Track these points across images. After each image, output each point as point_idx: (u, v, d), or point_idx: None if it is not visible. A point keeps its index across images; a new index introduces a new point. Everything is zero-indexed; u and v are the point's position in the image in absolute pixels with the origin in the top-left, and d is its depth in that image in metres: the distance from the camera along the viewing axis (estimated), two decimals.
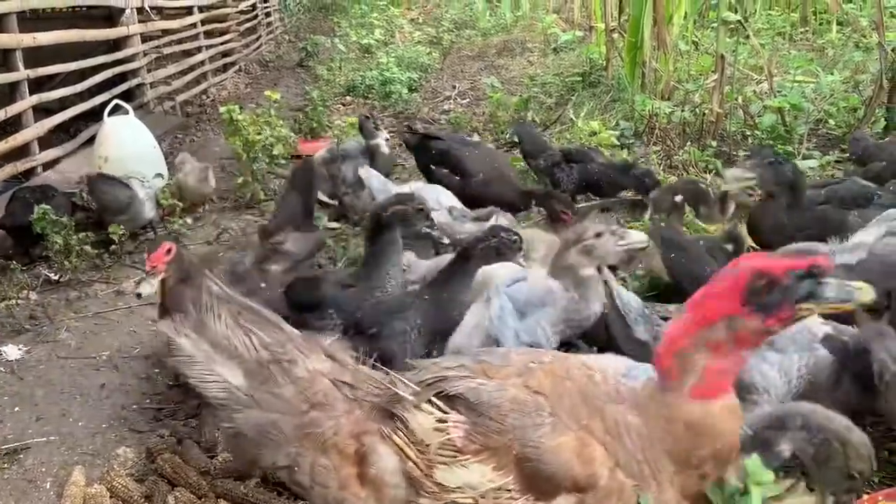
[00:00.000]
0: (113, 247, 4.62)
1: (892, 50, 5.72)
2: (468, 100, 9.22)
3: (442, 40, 13.05)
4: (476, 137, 6.54)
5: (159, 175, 5.13)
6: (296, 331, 1.83)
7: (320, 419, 1.70)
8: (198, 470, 2.62)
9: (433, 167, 5.01)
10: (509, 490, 1.60)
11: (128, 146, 5.45)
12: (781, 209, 3.75)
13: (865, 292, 1.55)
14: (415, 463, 1.64)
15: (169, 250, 2.83)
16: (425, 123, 8.22)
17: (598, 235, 2.77)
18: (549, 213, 4.45)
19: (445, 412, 1.67)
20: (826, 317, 2.62)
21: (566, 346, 2.89)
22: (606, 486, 1.61)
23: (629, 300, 2.80)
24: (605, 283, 2.82)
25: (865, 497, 2.41)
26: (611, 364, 2.46)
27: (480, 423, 1.63)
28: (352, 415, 1.73)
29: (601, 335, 2.89)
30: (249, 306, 1.78)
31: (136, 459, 2.79)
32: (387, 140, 5.50)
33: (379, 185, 4.56)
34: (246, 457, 1.76)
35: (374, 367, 1.88)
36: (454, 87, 9.81)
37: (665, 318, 2.94)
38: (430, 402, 1.68)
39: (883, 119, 5.99)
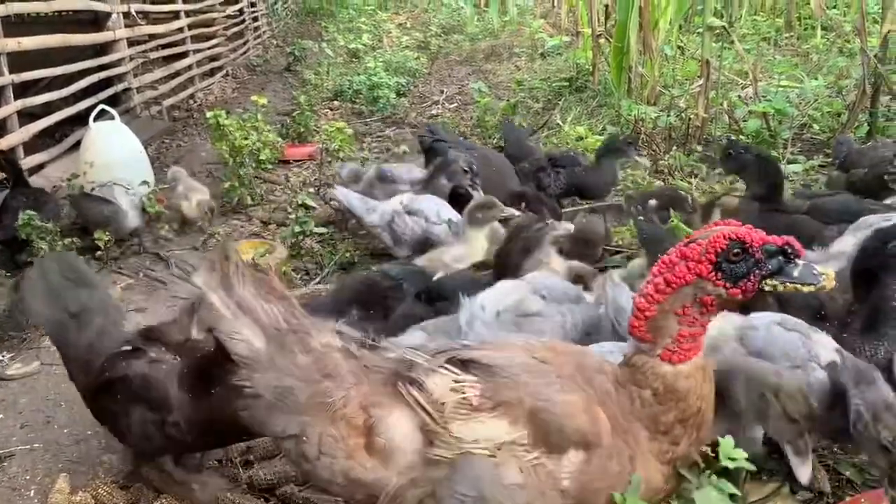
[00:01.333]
0: (98, 253, 4.59)
1: (875, 55, 5.78)
2: (456, 104, 9.24)
3: (430, 45, 13.08)
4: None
5: (145, 182, 5.10)
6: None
7: (331, 389, 1.75)
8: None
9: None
10: (523, 444, 1.67)
11: (114, 151, 5.41)
12: (755, 211, 3.78)
13: (829, 280, 1.61)
14: (432, 418, 1.69)
15: None
16: (413, 128, 8.24)
17: None
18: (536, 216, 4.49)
19: (460, 374, 1.74)
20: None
21: None
22: (609, 445, 1.70)
23: (622, 305, 2.74)
24: (606, 283, 2.82)
25: (848, 499, 2.44)
26: (614, 352, 2.55)
27: (496, 382, 1.71)
28: (361, 387, 1.78)
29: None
30: (271, 283, 1.84)
31: (122, 466, 2.78)
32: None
33: (359, 205, 4.54)
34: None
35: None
36: (442, 92, 9.83)
37: None
38: (443, 367, 1.75)
39: (866, 124, 6.05)
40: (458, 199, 4.51)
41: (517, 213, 4.01)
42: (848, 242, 3.33)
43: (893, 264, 2.61)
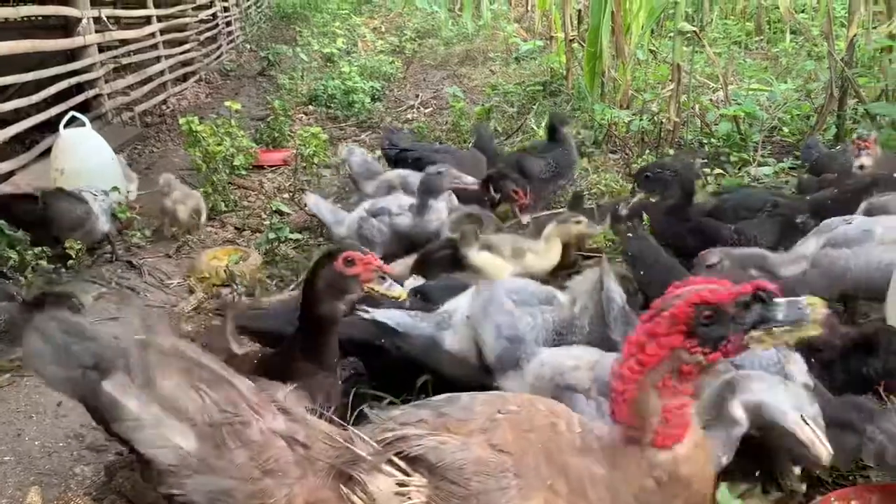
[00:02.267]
0: (70, 262, 4.54)
1: (841, 59, 5.88)
2: (431, 109, 9.24)
3: (404, 49, 13.08)
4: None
5: (115, 189, 5.05)
6: (249, 384, 1.73)
7: (272, 489, 1.60)
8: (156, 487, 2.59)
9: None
10: None
11: (85, 159, 5.36)
12: (662, 214, 3.86)
13: (818, 308, 1.45)
14: None
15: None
16: (388, 132, 8.23)
17: None
18: (502, 194, 4.65)
19: (407, 475, 1.57)
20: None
21: None
22: None
23: (614, 297, 2.76)
24: (600, 275, 2.81)
25: (819, 498, 2.48)
26: (583, 357, 2.54)
27: (443, 488, 1.54)
28: (305, 480, 1.63)
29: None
30: (201, 362, 1.67)
31: (94, 478, 2.76)
32: None
33: (329, 217, 4.55)
34: None
35: (331, 420, 1.79)
36: (417, 97, 9.83)
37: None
38: (390, 462, 1.59)
39: (834, 126, 6.15)
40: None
41: (471, 181, 4.31)
42: (811, 245, 3.38)
43: None
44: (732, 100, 6.63)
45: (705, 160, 5.79)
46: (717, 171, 5.71)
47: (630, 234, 3.67)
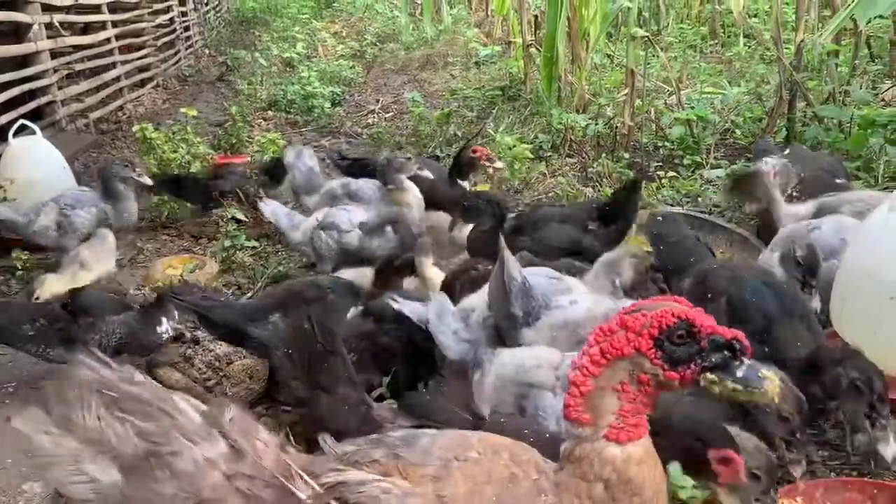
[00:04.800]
0: (19, 273, 4.46)
1: (790, 63, 6.02)
2: (392, 114, 9.25)
3: (365, 54, 13.06)
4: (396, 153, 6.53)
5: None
6: (190, 411, 1.64)
7: None
8: None
9: None
10: None
11: (35, 168, 5.27)
12: (479, 242, 3.97)
13: (773, 385, 1.47)
14: None
15: None
16: (348, 138, 8.23)
17: None
18: (465, 163, 4.93)
19: None
20: None
21: None
22: None
23: (514, 274, 2.87)
24: (499, 253, 2.90)
25: (786, 486, 2.53)
26: (544, 356, 2.59)
27: None
28: None
29: None
30: (128, 391, 1.59)
31: (44, 494, 2.71)
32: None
33: (285, 222, 4.52)
34: None
35: (281, 447, 1.70)
36: (378, 101, 9.83)
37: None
38: None
39: (784, 129, 6.28)
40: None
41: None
42: (773, 258, 3.44)
43: None
44: (686, 103, 6.74)
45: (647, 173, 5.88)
46: (671, 174, 5.81)
47: (658, 216, 3.75)
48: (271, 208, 4.56)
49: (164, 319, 3.41)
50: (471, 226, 4.06)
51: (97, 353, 1.64)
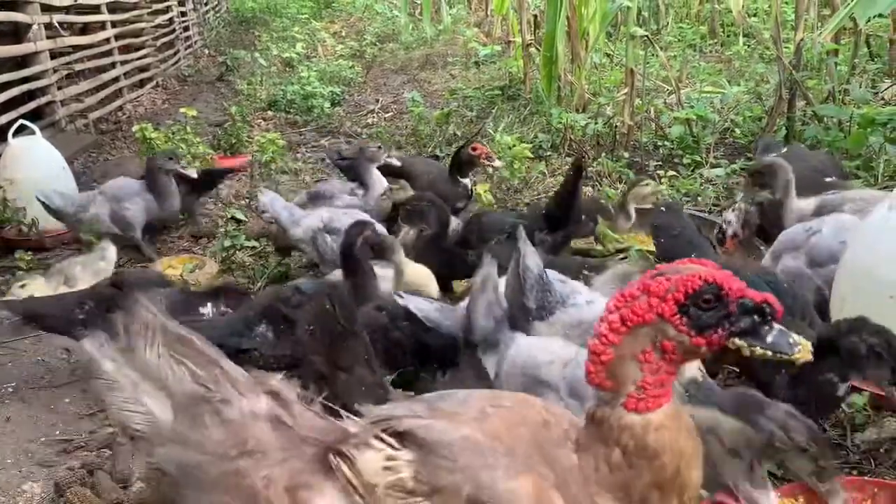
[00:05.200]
0: (20, 273, 4.46)
1: (789, 62, 6.02)
2: (391, 113, 9.25)
3: (365, 54, 13.06)
4: (395, 152, 6.53)
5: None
6: (237, 367, 1.68)
7: (249, 469, 1.54)
8: (110, 502, 2.56)
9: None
10: None
11: (35, 168, 5.26)
12: (423, 246, 3.98)
13: (805, 350, 1.42)
14: (364, 501, 1.49)
15: None
16: (348, 138, 8.22)
17: None
18: (465, 161, 4.91)
19: (396, 449, 1.51)
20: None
21: None
22: None
23: (530, 266, 2.84)
24: (517, 244, 2.88)
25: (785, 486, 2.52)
26: (559, 352, 2.54)
27: (431, 463, 1.47)
28: (287, 464, 1.56)
29: None
30: (185, 337, 1.64)
31: (44, 495, 2.71)
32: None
33: (286, 216, 4.43)
34: (165, 496, 1.64)
35: (323, 407, 1.73)
36: (377, 101, 9.83)
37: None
38: (378, 438, 1.53)
39: (784, 128, 6.29)
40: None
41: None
42: (791, 264, 3.43)
43: None
44: (685, 103, 6.74)
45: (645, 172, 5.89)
46: (671, 173, 5.81)
47: (661, 207, 3.74)
48: (269, 199, 4.45)
49: (209, 304, 3.40)
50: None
51: (150, 305, 1.67)
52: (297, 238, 4.38)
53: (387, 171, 5.06)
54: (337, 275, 3.87)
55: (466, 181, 4.98)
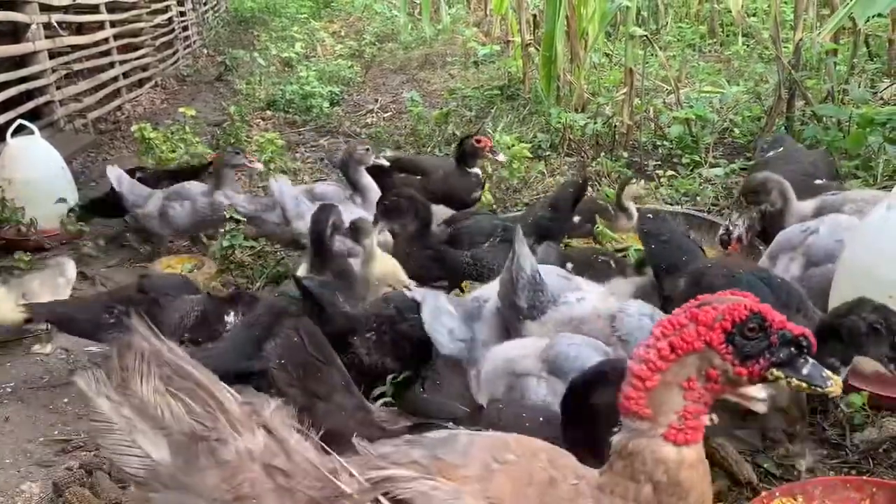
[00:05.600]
0: (17, 273, 4.45)
1: (788, 62, 6.02)
2: (390, 113, 9.25)
3: (364, 53, 13.05)
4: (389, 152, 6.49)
5: (62, 199, 4.97)
6: (235, 396, 1.62)
7: None
8: (109, 502, 2.56)
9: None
10: None
11: (33, 168, 5.27)
12: (405, 244, 3.96)
13: (836, 386, 1.46)
14: None
15: None
16: (347, 137, 8.22)
17: None
18: (469, 152, 4.87)
19: None
20: None
21: None
22: None
23: (524, 266, 2.87)
24: (513, 244, 2.90)
25: (763, 493, 2.54)
26: (529, 345, 2.62)
27: None
28: None
29: None
30: (183, 368, 1.58)
31: (42, 495, 2.71)
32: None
33: (291, 206, 4.44)
34: None
35: (318, 445, 1.66)
36: (376, 101, 9.83)
37: None
38: (376, 501, 1.46)
39: (783, 128, 6.29)
40: None
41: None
42: (792, 268, 3.42)
43: None
44: (685, 102, 6.74)
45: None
46: (670, 173, 5.81)
47: (648, 214, 3.66)
48: (279, 186, 4.48)
49: (231, 312, 3.40)
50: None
51: (150, 325, 1.61)
52: (298, 231, 4.35)
53: (399, 167, 5.06)
54: None
55: (476, 170, 4.98)
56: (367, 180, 4.74)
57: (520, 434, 1.68)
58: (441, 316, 2.87)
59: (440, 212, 4.60)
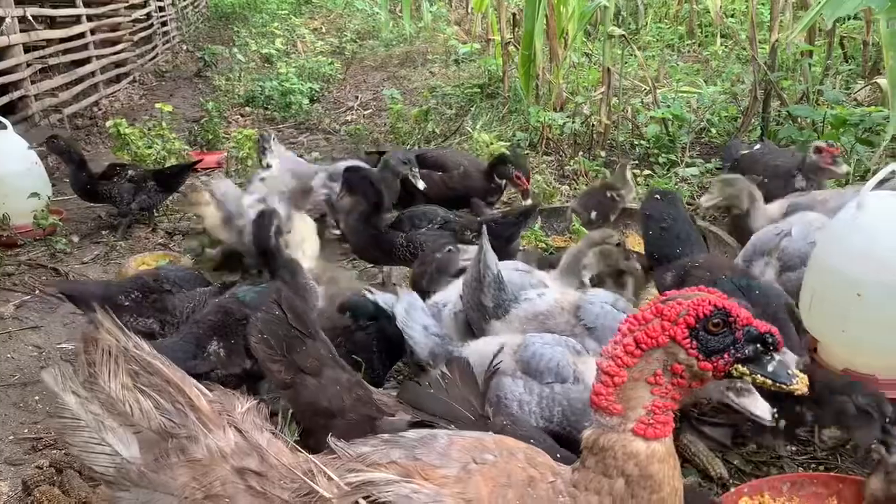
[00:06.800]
0: None
1: (765, 63, 6.08)
2: (370, 110, 9.23)
3: (345, 50, 13.01)
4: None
5: (35, 194, 4.92)
6: (205, 392, 1.59)
7: None
8: (79, 502, 2.54)
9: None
10: None
11: (6, 163, 5.20)
12: (354, 221, 4.05)
13: (802, 383, 1.48)
14: None
15: None
16: (326, 134, 8.19)
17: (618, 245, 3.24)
18: (505, 178, 4.88)
19: None
20: None
21: None
22: None
23: (490, 265, 2.89)
24: (480, 242, 2.92)
25: (732, 489, 2.57)
26: (504, 343, 2.63)
27: None
28: None
29: None
30: (151, 364, 1.55)
31: (11, 493, 2.68)
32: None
33: (234, 207, 4.27)
34: None
35: (291, 445, 1.64)
36: (356, 98, 9.80)
37: None
38: None
39: (759, 128, 6.34)
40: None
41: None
42: (767, 273, 3.45)
43: None
44: (662, 102, 6.78)
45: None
46: (647, 172, 5.85)
47: (656, 195, 3.53)
48: (223, 188, 4.33)
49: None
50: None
51: (115, 319, 1.58)
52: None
53: (420, 162, 5.04)
54: None
55: (501, 182, 4.98)
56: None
57: None
58: (415, 312, 2.86)
59: None
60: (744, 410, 2.48)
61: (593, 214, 4.74)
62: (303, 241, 3.75)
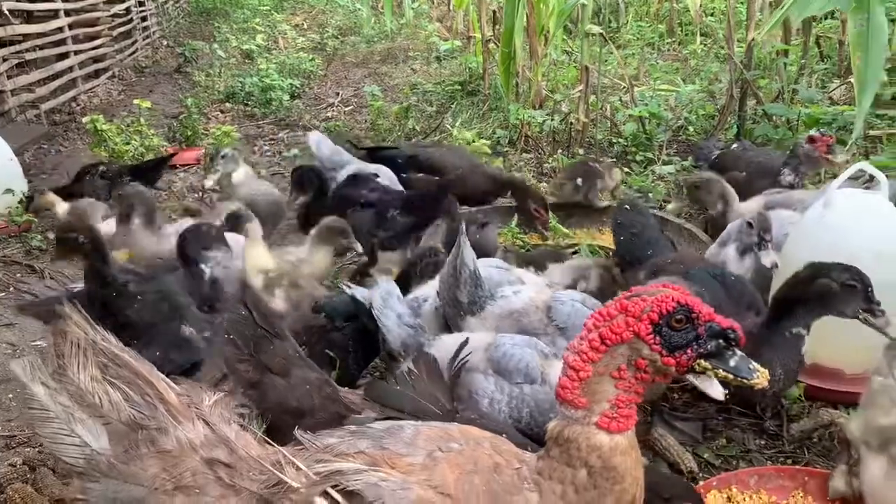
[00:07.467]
0: None
1: (741, 62, 6.14)
2: (351, 107, 9.22)
3: (326, 47, 12.98)
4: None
5: (9, 191, 4.88)
6: (173, 386, 1.61)
7: None
8: (52, 500, 2.53)
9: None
10: None
11: None
12: (301, 211, 4.40)
13: (763, 377, 1.50)
14: None
15: None
16: (306, 131, 8.17)
17: None
18: (521, 209, 4.73)
19: None
20: None
21: None
22: None
23: (467, 262, 2.91)
24: (458, 238, 2.94)
25: (701, 483, 2.62)
26: (475, 340, 2.63)
27: None
28: (226, 502, 1.49)
29: None
30: (120, 357, 1.56)
31: None
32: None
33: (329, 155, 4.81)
34: None
35: (259, 437, 1.66)
36: (337, 94, 9.79)
37: None
38: (325, 494, 1.45)
39: (735, 126, 6.41)
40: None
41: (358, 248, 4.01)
42: (745, 262, 3.50)
43: None
44: (640, 101, 6.83)
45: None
46: (625, 170, 5.89)
47: (625, 205, 3.75)
48: (316, 138, 4.85)
49: None
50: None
51: (83, 313, 1.59)
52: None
53: (416, 164, 5.06)
54: None
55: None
56: None
57: None
58: (391, 300, 2.87)
59: None
60: (700, 388, 2.51)
61: (579, 181, 4.95)
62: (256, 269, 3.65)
